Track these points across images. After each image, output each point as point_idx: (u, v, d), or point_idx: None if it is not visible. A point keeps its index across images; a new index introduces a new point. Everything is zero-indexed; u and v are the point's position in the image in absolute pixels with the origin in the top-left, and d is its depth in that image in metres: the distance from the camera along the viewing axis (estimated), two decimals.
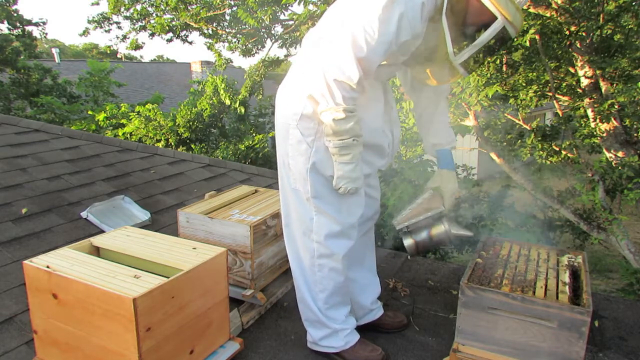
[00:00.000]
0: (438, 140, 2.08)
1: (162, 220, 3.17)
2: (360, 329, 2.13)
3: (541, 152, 5.58)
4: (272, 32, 8.83)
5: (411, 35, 1.66)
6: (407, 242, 2.00)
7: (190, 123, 9.26)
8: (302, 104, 1.78)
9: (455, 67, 1.73)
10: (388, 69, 1.88)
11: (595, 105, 4.96)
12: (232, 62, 9.92)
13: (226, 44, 9.24)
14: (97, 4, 9.19)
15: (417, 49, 1.80)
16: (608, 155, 5.11)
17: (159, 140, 9.00)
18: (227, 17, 8.89)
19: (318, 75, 1.66)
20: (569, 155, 5.42)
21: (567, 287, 1.81)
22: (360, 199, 1.93)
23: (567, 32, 4.61)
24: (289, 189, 1.92)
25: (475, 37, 1.70)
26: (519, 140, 5.95)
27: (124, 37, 9.68)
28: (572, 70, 5.41)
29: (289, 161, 1.87)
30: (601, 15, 4.59)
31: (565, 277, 1.89)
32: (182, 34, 9.25)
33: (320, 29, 1.82)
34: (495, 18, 1.63)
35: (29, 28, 12.86)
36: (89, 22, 9.50)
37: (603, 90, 5.03)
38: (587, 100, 5.11)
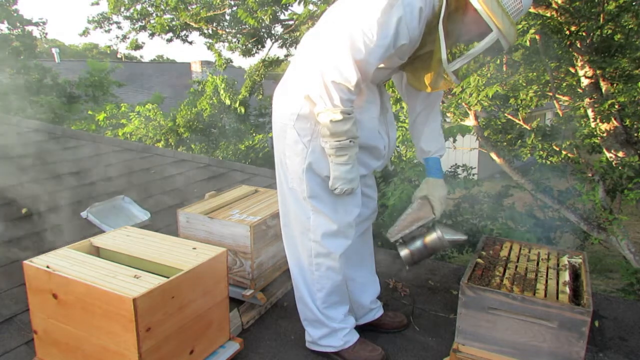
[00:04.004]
0: (428, 148, 2.07)
1: (162, 220, 3.17)
2: (360, 328, 2.14)
3: (541, 152, 5.57)
4: (272, 32, 8.83)
5: (408, 39, 1.67)
6: (403, 252, 2.00)
7: (190, 123, 9.26)
8: (299, 104, 1.79)
9: (447, 75, 1.74)
10: (384, 72, 1.89)
11: (596, 105, 4.95)
12: (232, 62, 9.92)
13: (226, 44, 9.25)
14: (97, 4, 9.19)
15: (412, 54, 1.80)
16: (608, 155, 5.11)
17: (159, 140, 8.99)
18: (227, 17, 8.89)
19: (316, 76, 1.66)
20: (569, 155, 5.41)
21: (567, 287, 1.81)
22: (357, 199, 1.93)
23: (567, 32, 4.61)
24: (287, 188, 1.92)
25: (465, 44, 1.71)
26: (519, 140, 5.94)
27: (124, 37, 9.68)
28: (572, 70, 5.41)
29: (286, 161, 1.87)
30: (601, 15, 4.58)
31: (566, 277, 1.89)
32: (182, 34, 9.24)
33: (318, 30, 1.82)
34: (490, 30, 1.64)
35: (29, 28, 12.84)
36: (89, 22, 9.50)
37: (603, 90, 5.03)
38: (587, 100, 5.10)
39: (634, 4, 4.54)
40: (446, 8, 1.65)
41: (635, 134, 5.10)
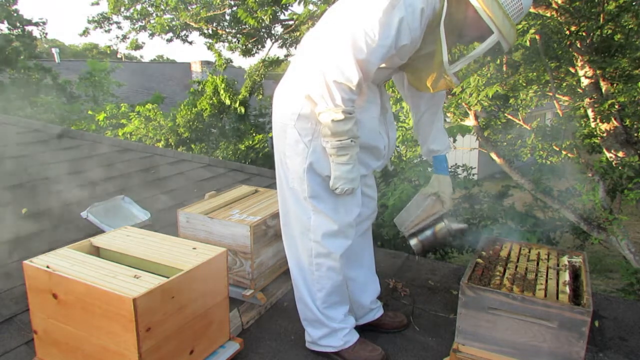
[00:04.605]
0: (436, 147, 2.15)
1: (162, 220, 3.17)
2: (360, 328, 2.14)
3: (541, 152, 5.57)
4: (272, 32, 8.83)
5: (410, 40, 1.67)
6: (414, 243, 2.14)
7: (190, 123, 9.27)
8: (299, 104, 1.79)
9: (447, 75, 1.75)
10: (385, 71, 1.89)
11: (596, 105, 4.95)
12: (232, 62, 9.92)
13: (226, 44, 9.24)
14: (97, 4, 9.18)
15: (413, 55, 1.81)
16: (608, 155, 5.10)
17: (159, 140, 9.00)
18: (227, 17, 8.89)
19: (317, 76, 1.66)
20: (569, 155, 5.41)
21: (567, 287, 1.81)
22: (357, 198, 1.93)
23: (567, 32, 4.61)
24: (287, 188, 1.92)
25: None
26: (519, 140, 5.94)
27: (124, 37, 9.67)
28: (572, 70, 5.41)
29: (287, 161, 1.88)
30: (601, 15, 4.58)
31: (566, 277, 1.89)
32: (182, 34, 9.24)
33: (318, 30, 1.82)
34: (491, 32, 1.65)
35: (29, 28, 12.82)
36: (89, 22, 9.49)
37: (603, 90, 5.02)
38: (587, 100, 5.10)
39: (634, 4, 4.54)
40: (447, 9, 1.65)
41: (635, 134, 5.10)
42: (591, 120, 5.13)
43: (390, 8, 1.58)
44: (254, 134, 9.73)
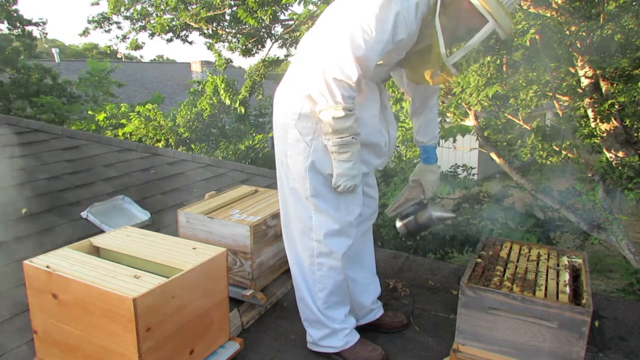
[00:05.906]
0: (421, 139, 2.21)
1: (162, 220, 3.17)
2: (360, 329, 2.14)
3: (541, 152, 5.57)
4: (272, 32, 8.84)
5: (406, 34, 1.69)
6: (397, 225, 2.29)
7: (190, 123, 9.25)
8: (300, 103, 1.80)
9: (447, 68, 1.76)
10: (383, 68, 1.90)
11: (596, 105, 4.95)
12: (232, 62, 9.92)
13: (226, 44, 9.25)
14: (97, 4, 9.20)
15: (410, 50, 1.82)
16: (608, 155, 5.10)
17: (159, 140, 8.99)
18: (227, 17, 8.89)
19: (317, 74, 1.68)
20: (569, 155, 5.41)
21: (567, 287, 1.81)
22: (358, 198, 1.94)
23: (567, 32, 4.61)
24: (288, 188, 1.92)
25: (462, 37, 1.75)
26: (519, 140, 5.94)
27: (124, 37, 9.68)
28: (572, 70, 5.40)
29: (288, 160, 1.88)
30: (601, 15, 4.58)
31: (566, 277, 1.89)
32: (182, 34, 9.24)
33: (317, 29, 1.83)
34: (486, 21, 1.66)
35: (29, 28, 12.80)
36: (89, 22, 9.50)
37: (603, 90, 5.02)
38: (587, 100, 5.10)
39: (634, 4, 4.54)
40: (441, 1, 1.67)
41: (635, 134, 5.10)
42: (591, 120, 5.13)
43: (386, 3, 1.60)
44: (254, 134, 9.72)
